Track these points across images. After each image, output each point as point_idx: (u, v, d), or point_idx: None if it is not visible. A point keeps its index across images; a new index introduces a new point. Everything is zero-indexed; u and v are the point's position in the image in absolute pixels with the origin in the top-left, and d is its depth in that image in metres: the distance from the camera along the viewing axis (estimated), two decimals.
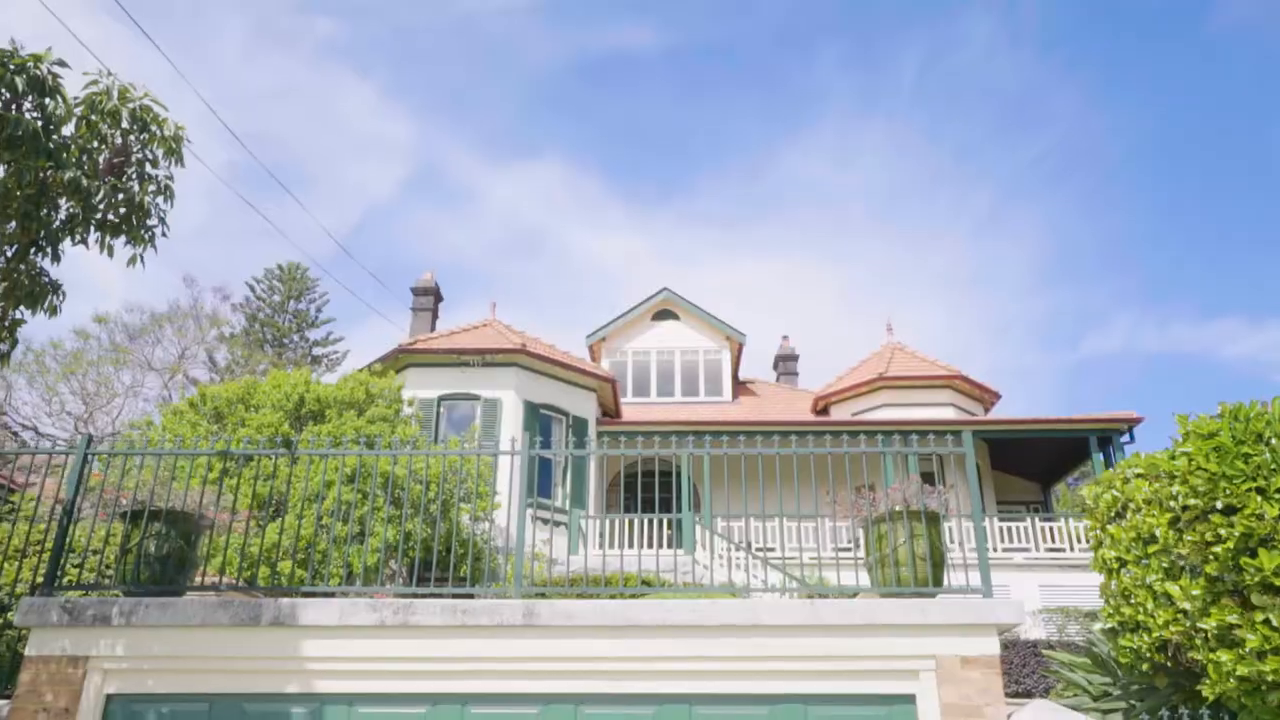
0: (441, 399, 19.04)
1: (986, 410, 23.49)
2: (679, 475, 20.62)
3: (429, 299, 24.96)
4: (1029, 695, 12.07)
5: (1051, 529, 19.60)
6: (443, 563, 12.06)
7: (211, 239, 54.87)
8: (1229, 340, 63.41)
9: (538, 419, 19.21)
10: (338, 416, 15.75)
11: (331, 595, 8.82)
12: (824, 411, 23.73)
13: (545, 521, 17.63)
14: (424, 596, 6.77)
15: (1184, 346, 65.11)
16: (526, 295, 65.34)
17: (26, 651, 5.99)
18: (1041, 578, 18.93)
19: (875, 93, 64.25)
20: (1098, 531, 7.11)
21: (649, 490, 21.63)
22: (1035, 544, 19.49)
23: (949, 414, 22.12)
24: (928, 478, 21.62)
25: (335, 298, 46.01)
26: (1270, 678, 5.35)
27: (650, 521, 18.20)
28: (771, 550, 17.72)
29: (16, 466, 12.86)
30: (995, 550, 19.52)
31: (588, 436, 20.11)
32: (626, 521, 18.03)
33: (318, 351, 44.16)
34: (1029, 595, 18.66)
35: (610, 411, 21.38)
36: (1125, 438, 20.48)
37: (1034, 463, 23.79)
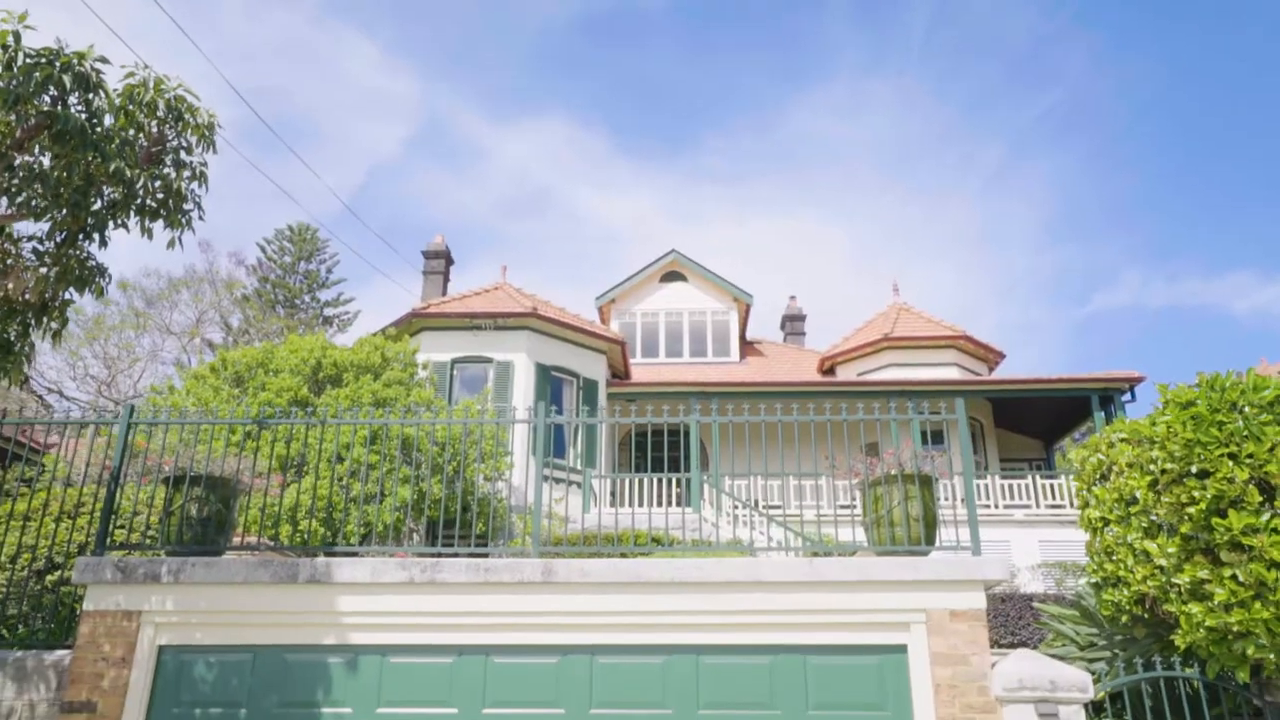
0: (455, 362, 19.45)
1: (990, 369, 23.80)
2: (687, 435, 21.07)
3: (440, 262, 25.27)
4: (1025, 645, 12.54)
5: (1052, 486, 20.03)
6: (459, 521, 12.53)
7: (219, 199, 55.06)
8: (1239, 295, 63.26)
9: (549, 381, 19.62)
10: (354, 380, 16.16)
11: (355, 553, 9.30)
12: (830, 372, 24.08)
13: (559, 481, 18.14)
14: (442, 556, 7.22)
15: (1193, 301, 65.01)
16: (534, 254, 65.48)
17: (84, 606, 6.47)
18: (1041, 533, 19.39)
19: (884, 48, 63.61)
20: (1084, 492, 7.52)
21: (658, 449, 22.10)
22: (1036, 500, 19.93)
23: (953, 374, 22.45)
24: (934, 436, 22.06)
25: (344, 258, 46.19)
26: (1236, 628, 5.78)
27: (659, 481, 18.68)
28: (777, 508, 18.20)
29: (45, 433, 13.33)
30: (997, 507, 19.97)
31: (598, 397, 20.53)
32: (636, 481, 18.51)
33: (329, 312, 44.51)
34: (1029, 550, 19.15)
35: (620, 373, 21.78)
36: (1126, 396, 20.79)
37: (1037, 421, 24.16)
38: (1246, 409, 6.04)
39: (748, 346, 26.85)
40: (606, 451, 21.07)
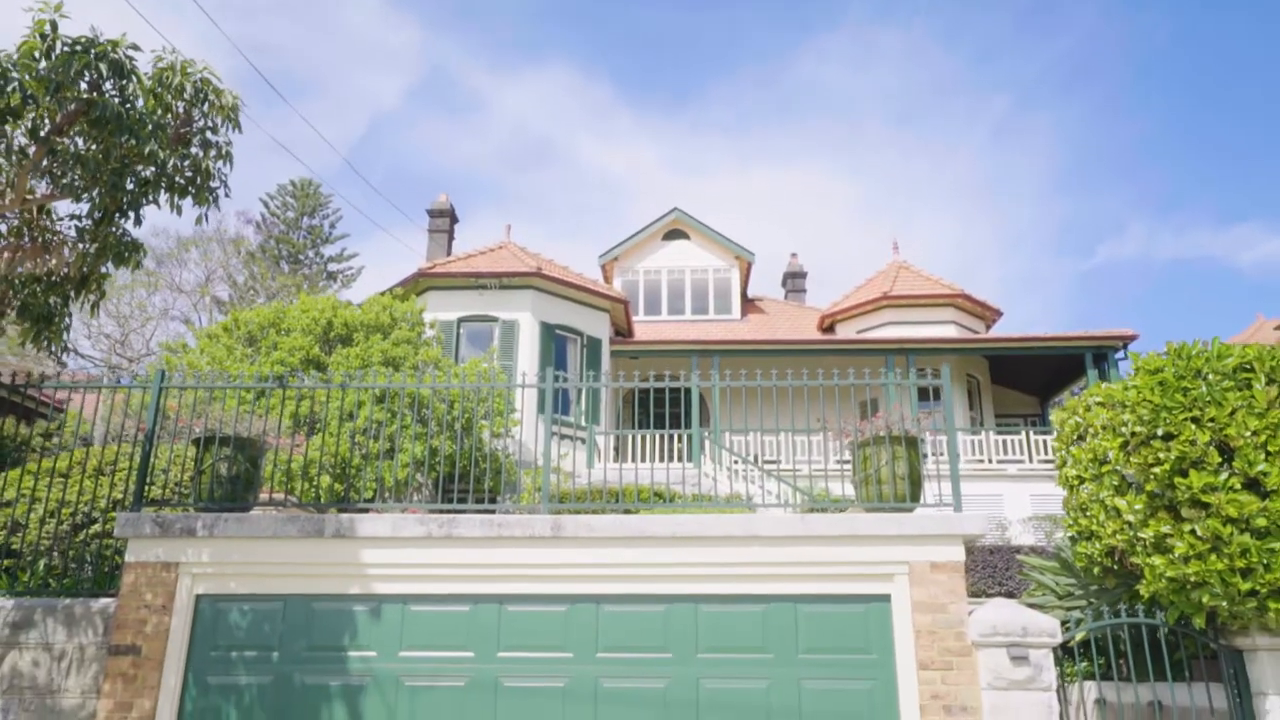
0: (461, 320, 19.85)
1: (988, 327, 24.17)
2: (689, 393, 21.52)
3: (444, 220, 25.54)
4: (1012, 594, 13.09)
5: (1044, 442, 20.51)
6: (466, 476, 13.03)
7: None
8: (1246, 246, 63.28)
9: (553, 339, 20.03)
10: (364, 340, 16.58)
11: (369, 509, 9.78)
12: (830, 329, 24.46)
13: (564, 437, 18.62)
14: (451, 511, 7.69)
15: (1199, 253, 65.02)
16: (537, 206, 65.46)
17: (126, 558, 6.96)
18: (1033, 488, 19.91)
19: None
20: (1063, 452, 7.97)
21: (661, 406, 22.56)
22: (1029, 455, 20.44)
23: (950, 331, 22.83)
24: (930, 393, 22.52)
25: (346, 213, 46.32)
26: (1193, 578, 6.25)
27: (662, 437, 19.16)
28: (775, 463, 18.71)
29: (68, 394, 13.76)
30: (991, 461, 20.49)
31: (601, 355, 20.96)
32: (640, 437, 19.00)
33: (333, 267, 44.75)
34: (1021, 504, 19.69)
35: (623, 330, 22.17)
36: (1120, 354, 21.18)
37: (1032, 377, 24.60)
38: (1210, 376, 6.44)
39: (749, 304, 27.20)
40: (610, 408, 21.54)
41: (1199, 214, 65.09)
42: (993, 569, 14.00)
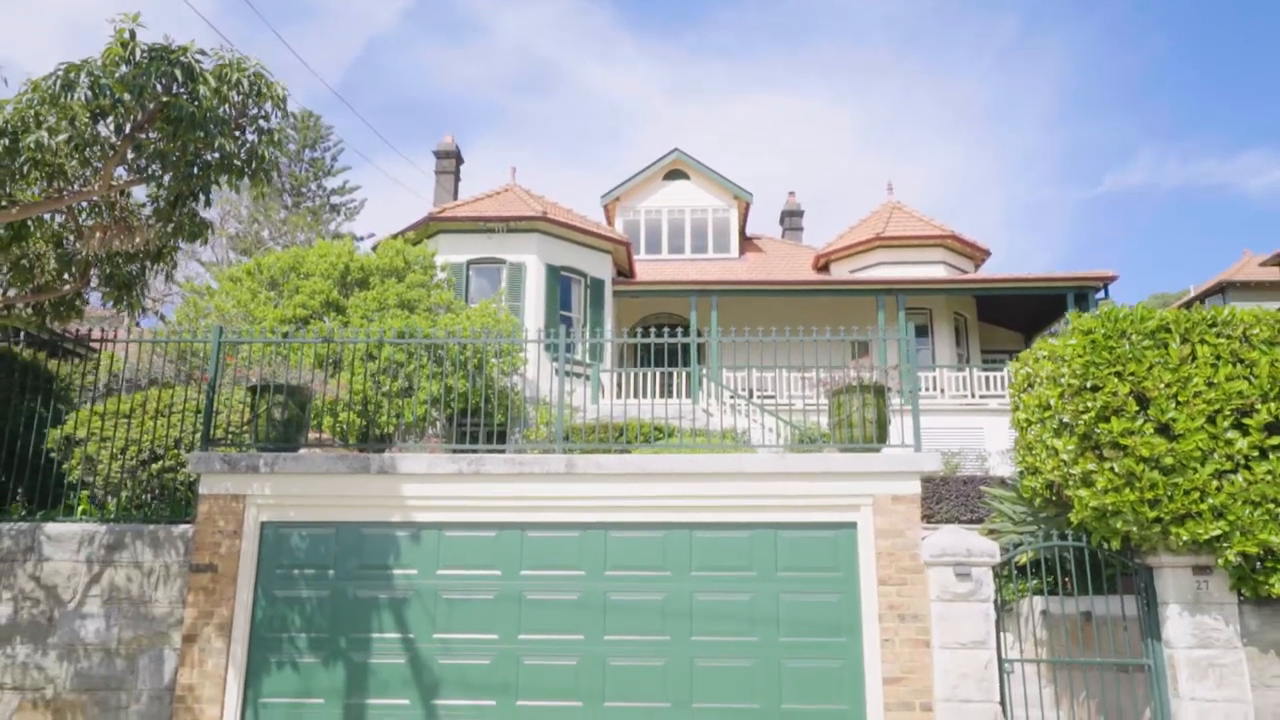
0: (470, 263, 20.77)
1: (977, 266, 25.07)
2: (688, 332, 22.53)
3: (450, 162, 26.23)
4: (980, 521, 14.31)
5: None
6: (478, 412, 14.08)
7: None
8: (1253, 173, 63.54)
9: (558, 281, 20.98)
10: (380, 283, 17.52)
11: (383, 446, 10.89)
12: (825, 269, 25.36)
13: (570, 375, 19.71)
14: (465, 451, 8.80)
15: (1207, 180, 65.25)
16: (538, 133, 65.47)
17: (200, 490, 8.09)
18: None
19: None
20: (1015, 397, 9.03)
21: (660, 337, 23.57)
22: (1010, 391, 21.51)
23: (940, 271, 23.74)
24: (920, 330, 23.57)
25: (345, 143, 46.63)
26: (1111, 508, 7.37)
27: (661, 374, 20.23)
28: (771, 397, 19.83)
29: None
30: (974, 396, 21.59)
31: (604, 295, 21.92)
32: (641, 374, 20.08)
33: (335, 200, 45.24)
34: (1000, 437, 20.80)
35: (625, 271, 23.08)
36: (1100, 294, 22.13)
37: (1018, 315, 25.59)
38: (1133, 336, 7.47)
39: (747, 242, 28.03)
40: (612, 347, 22.58)
41: (1207, 142, 65.16)
42: (965, 498, 15.21)
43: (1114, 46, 61.12)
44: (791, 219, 30.78)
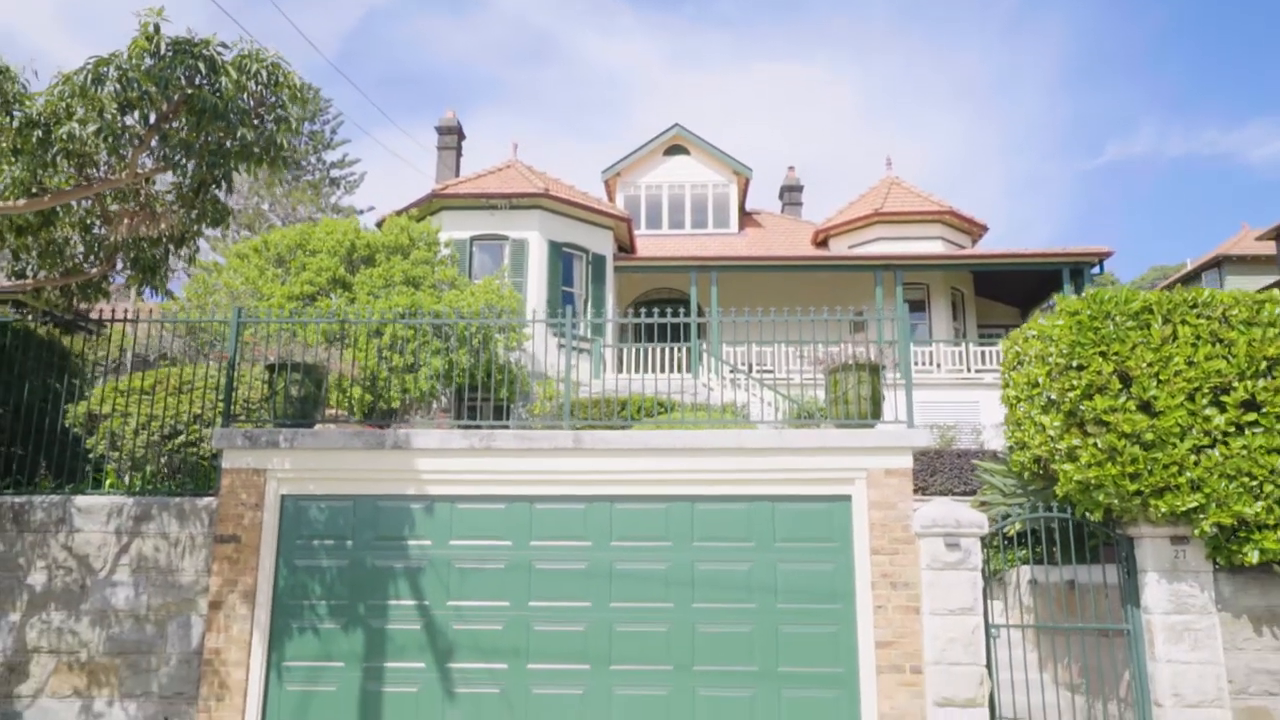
0: (473, 239, 21.03)
1: (974, 241, 25.32)
2: (688, 307, 22.84)
3: (452, 138, 26.40)
4: (973, 493, 14.70)
5: None
6: (483, 386, 14.43)
7: None
8: (1257, 143, 63.46)
9: (560, 257, 21.26)
10: (385, 260, 17.80)
11: (388, 420, 11.22)
12: (823, 244, 25.62)
13: (573, 349, 20.03)
14: (471, 426, 9.14)
15: (1210, 150, 65.15)
16: (537, 104, 65.28)
17: (223, 464, 8.45)
18: None
19: None
20: (1005, 375, 9.37)
21: (662, 319, 23.87)
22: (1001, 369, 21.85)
23: (938, 247, 24.00)
24: (917, 305, 23.90)
25: (343, 116, 46.55)
26: (1094, 481, 7.73)
27: (663, 349, 20.56)
28: (770, 372, 20.18)
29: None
30: (970, 371, 21.92)
31: (605, 271, 22.19)
32: (643, 349, 20.41)
33: (335, 173, 45.28)
34: (995, 411, 21.19)
35: (626, 247, 23.34)
36: (1095, 269, 22.41)
37: (1014, 290, 25.89)
38: (1117, 318, 7.79)
39: (746, 218, 28.25)
40: (614, 322, 22.86)
41: (1210, 112, 65.01)
42: (959, 471, 15.60)
43: (1117, 17, 60.79)
44: (791, 194, 30.97)
